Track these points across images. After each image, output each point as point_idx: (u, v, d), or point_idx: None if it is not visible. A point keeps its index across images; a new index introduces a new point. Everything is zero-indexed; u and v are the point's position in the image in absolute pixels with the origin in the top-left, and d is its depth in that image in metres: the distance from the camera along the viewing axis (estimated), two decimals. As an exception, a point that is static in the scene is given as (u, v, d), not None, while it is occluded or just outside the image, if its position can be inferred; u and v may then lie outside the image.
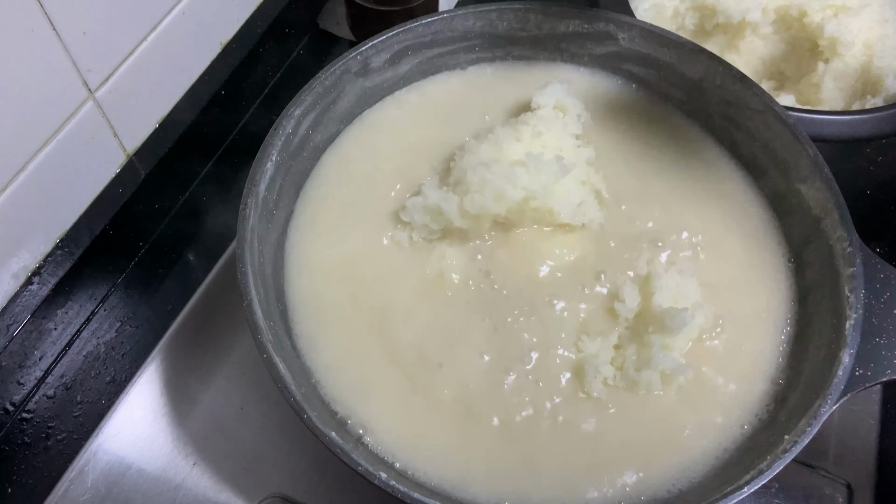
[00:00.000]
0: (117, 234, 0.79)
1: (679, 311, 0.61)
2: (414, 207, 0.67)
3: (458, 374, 0.63)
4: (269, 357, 0.57)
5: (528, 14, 0.77)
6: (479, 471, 0.59)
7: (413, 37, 0.75)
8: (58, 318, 0.76)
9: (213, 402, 0.74)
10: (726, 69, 0.72)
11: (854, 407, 0.75)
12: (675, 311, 0.62)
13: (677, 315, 0.61)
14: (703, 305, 0.65)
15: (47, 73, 0.65)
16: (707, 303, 0.66)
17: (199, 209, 0.87)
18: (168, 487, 0.70)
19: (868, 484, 0.71)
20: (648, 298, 0.64)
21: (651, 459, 0.60)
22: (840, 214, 0.64)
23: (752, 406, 0.62)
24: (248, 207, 0.63)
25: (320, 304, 0.66)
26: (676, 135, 0.77)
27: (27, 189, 0.68)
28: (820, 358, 0.61)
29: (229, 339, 0.77)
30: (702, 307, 0.65)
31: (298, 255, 0.69)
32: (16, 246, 0.70)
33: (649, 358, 0.61)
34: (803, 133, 0.68)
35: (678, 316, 0.61)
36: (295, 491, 0.69)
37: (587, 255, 0.68)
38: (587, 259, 0.68)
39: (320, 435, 0.54)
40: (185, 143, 0.84)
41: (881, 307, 0.61)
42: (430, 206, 0.67)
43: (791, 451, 0.54)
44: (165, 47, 0.77)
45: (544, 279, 0.67)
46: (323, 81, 0.71)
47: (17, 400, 0.74)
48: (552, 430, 0.61)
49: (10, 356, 0.73)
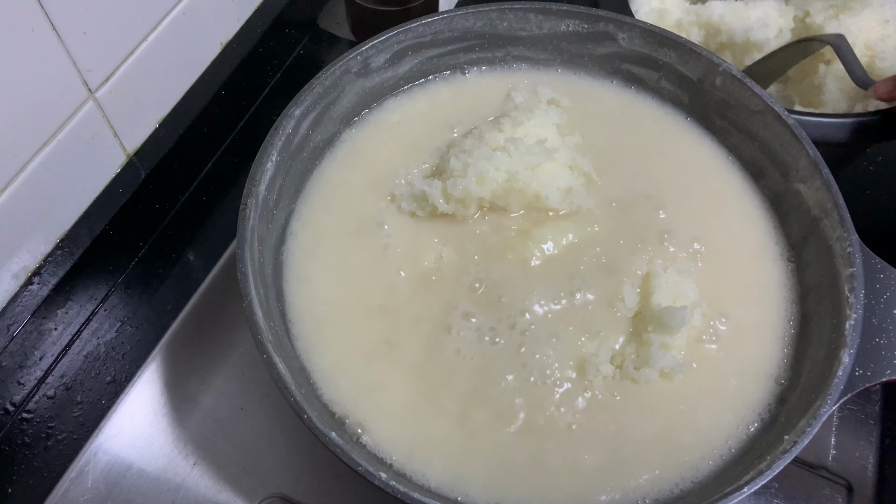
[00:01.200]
0: (117, 234, 0.79)
1: (678, 310, 0.61)
2: (401, 196, 0.70)
3: (456, 374, 0.62)
4: (269, 357, 0.57)
5: (527, 14, 0.77)
6: (478, 472, 0.59)
7: (413, 37, 0.75)
8: (58, 318, 0.76)
9: (213, 402, 0.74)
10: (726, 69, 0.72)
11: (854, 407, 0.75)
12: (674, 310, 0.62)
13: (676, 313, 0.61)
14: (701, 304, 0.65)
15: (47, 73, 0.65)
16: (708, 302, 0.66)
17: (199, 209, 0.87)
18: (168, 487, 0.70)
19: (868, 484, 0.71)
20: (647, 298, 0.64)
21: (657, 460, 0.60)
22: (840, 214, 0.64)
23: (757, 405, 0.62)
24: (248, 207, 0.63)
25: (318, 304, 0.66)
26: (676, 135, 0.77)
27: (27, 189, 0.68)
28: (820, 358, 0.61)
29: (229, 339, 0.77)
30: (700, 305, 0.65)
31: (297, 255, 0.69)
32: (16, 246, 0.70)
33: (648, 356, 0.61)
34: (803, 133, 0.68)
35: (677, 314, 0.61)
36: (295, 491, 0.69)
37: (586, 253, 0.68)
38: (586, 257, 0.68)
39: (320, 435, 0.54)
40: (185, 143, 0.84)
41: (881, 307, 0.61)
42: (415, 193, 0.70)
43: (791, 452, 0.54)
44: (165, 47, 0.77)
45: (541, 277, 0.67)
46: (323, 81, 0.71)
47: (17, 400, 0.74)
48: (553, 431, 0.61)
49: (10, 356, 0.73)
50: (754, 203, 0.73)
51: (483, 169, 0.67)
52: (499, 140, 0.71)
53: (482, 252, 0.68)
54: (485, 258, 0.68)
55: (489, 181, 0.68)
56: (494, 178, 0.68)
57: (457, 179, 0.68)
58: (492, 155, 0.68)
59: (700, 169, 0.75)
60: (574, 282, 0.66)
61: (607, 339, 0.64)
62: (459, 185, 0.67)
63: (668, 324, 0.61)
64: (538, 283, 0.66)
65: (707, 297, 0.66)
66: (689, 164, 0.75)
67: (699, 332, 0.65)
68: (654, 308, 0.63)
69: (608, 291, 0.66)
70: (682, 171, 0.74)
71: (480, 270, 0.67)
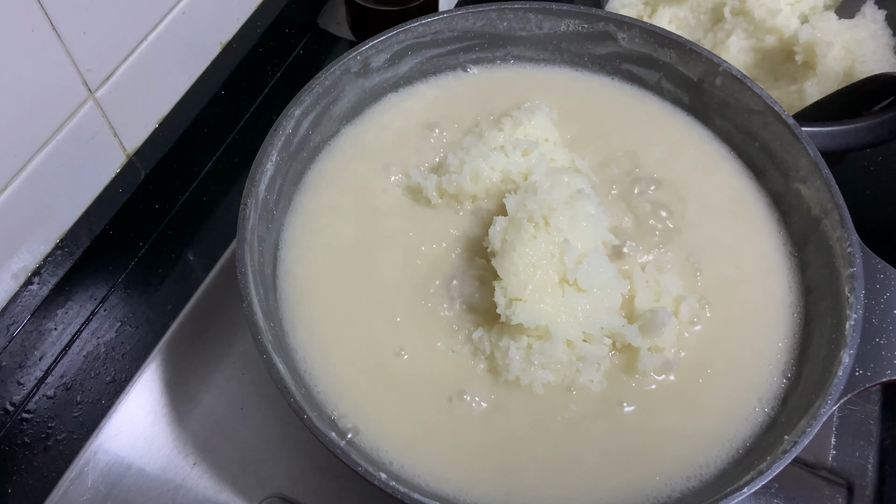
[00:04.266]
0: (117, 234, 0.79)
1: (657, 311, 0.62)
2: (399, 189, 0.71)
3: (455, 373, 0.62)
4: (269, 357, 0.57)
5: (527, 14, 0.77)
6: (477, 474, 0.59)
7: (413, 37, 0.75)
8: (58, 318, 0.76)
9: (213, 402, 0.74)
10: (726, 69, 0.72)
11: (854, 407, 0.75)
12: (653, 312, 0.62)
13: (656, 315, 0.61)
14: (686, 297, 0.65)
15: (47, 73, 0.65)
16: (709, 301, 0.66)
17: (199, 209, 0.87)
18: (168, 488, 0.70)
19: (868, 484, 0.71)
20: (631, 299, 0.65)
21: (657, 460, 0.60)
22: (840, 214, 0.64)
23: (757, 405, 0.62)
24: (248, 207, 0.63)
25: (316, 303, 0.66)
26: (676, 135, 0.77)
27: (27, 189, 0.68)
28: (820, 358, 0.61)
29: (229, 339, 0.77)
30: (686, 299, 0.65)
31: (296, 255, 0.69)
32: (16, 246, 0.70)
33: (637, 358, 0.62)
34: (803, 133, 0.68)
35: (657, 316, 0.61)
36: (295, 491, 0.69)
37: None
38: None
39: (320, 435, 0.54)
40: (185, 143, 0.84)
41: (881, 307, 0.61)
42: (411, 185, 0.71)
43: (791, 452, 0.54)
44: (165, 47, 0.77)
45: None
46: (323, 81, 0.71)
47: (17, 400, 0.74)
48: (552, 430, 0.61)
49: (10, 356, 0.73)
50: (757, 201, 0.73)
51: (478, 167, 0.68)
52: (498, 139, 0.71)
53: (482, 250, 0.68)
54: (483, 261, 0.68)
55: (483, 179, 0.68)
56: (489, 177, 0.68)
57: (452, 175, 0.68)
58: (489, 154, 0.69)
59: (700, 168, 0.75)
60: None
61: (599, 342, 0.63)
62: (454, 181, 0.68)
63: (651, 326, 0.61)
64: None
65: (712, 296, 0.66)
66: (691, 162, 0.75)
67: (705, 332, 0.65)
68: (637, 312, 0.63)
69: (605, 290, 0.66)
70: (683, 170, 0.74)
71: (480, 267, 0.67)
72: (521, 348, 0.60)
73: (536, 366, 0.61)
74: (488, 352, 0.62)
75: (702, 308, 0.66)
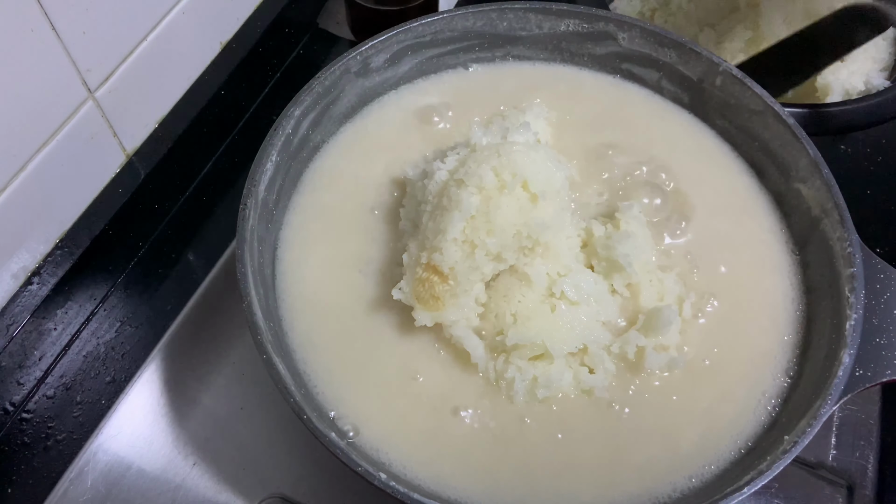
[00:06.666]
0: (117, 234, 0.79)
1: (662, 310, 0.62)
2: (398, 186, 0.71)
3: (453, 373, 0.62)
4: (268, 357, 0.57)
5: (527, 14, 0.77)
6: (476, 476, 0.59)
7: (413, 37, 0.75)
8: (58, 318, 0.76)
9: (212, 403, 0.73)
10: (726, 69, 0.72)
11: (854, 407, 0.75)
12: (657, 311, 0.62)
13: (661, 314, 0.61)
14: (690, 295, 0.65)
15: (47, 73, 0.65)
16: (711, 300, 0.66)
17: (199, 209, 0.87)
18: (168, 488, 0.69)
19: (868, 484, 0.71)
20: (636, 298, 0.65)
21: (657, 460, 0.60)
22: (840, 214, 0.64)
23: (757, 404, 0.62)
24: (248, 207, 0.63)
25: (316, 303, 0.66)
26: (677, 133, 0.77)
27: (27, 189, 0.68)
28: (820, 358, 0.61)
29: (229, 339, 0.77)
30: (689, 297, 0.65)
31: (295, 255, 0.69)
32: (15, 246, 0.70)
33: (644, 358, 0.62)
34: (803, 133, 0.68)
35: (662, 315, 0.61)
36: (295, 491, 0.69)
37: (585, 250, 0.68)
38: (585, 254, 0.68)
39: (320, 435, 0.54)
40: (184, 143, 0.84)
41: (881, 307, 0.61)
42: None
43: (791, 452, 0.54)
44: (165, 47, 0.77)
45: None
46: (323, 81, 0.71)
47: (17, 400, 0.74)
48: (552, 430, 0.61)
49: (10, 356, 0.73)
50: (759, 201, 0.73)
51: (472, 167, 0.67)
52: (496, 139, 0.70)
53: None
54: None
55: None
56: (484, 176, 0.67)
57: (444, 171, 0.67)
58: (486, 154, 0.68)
59: (700, 168, 0.75)
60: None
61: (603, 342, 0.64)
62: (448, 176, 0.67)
63: (656, 326, 0.62)
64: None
65: (711, 294, 0.66)
66: (693, 161, 0.75)
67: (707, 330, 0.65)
68: (642, 311, 0.64)
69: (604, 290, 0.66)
70: (684, 168, 0.74)
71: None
72: (525, 381, 0.60)
73: (540, 393, 0.61)
74: (493, 380, 0.62)
75: (705, 306, 0.66)
